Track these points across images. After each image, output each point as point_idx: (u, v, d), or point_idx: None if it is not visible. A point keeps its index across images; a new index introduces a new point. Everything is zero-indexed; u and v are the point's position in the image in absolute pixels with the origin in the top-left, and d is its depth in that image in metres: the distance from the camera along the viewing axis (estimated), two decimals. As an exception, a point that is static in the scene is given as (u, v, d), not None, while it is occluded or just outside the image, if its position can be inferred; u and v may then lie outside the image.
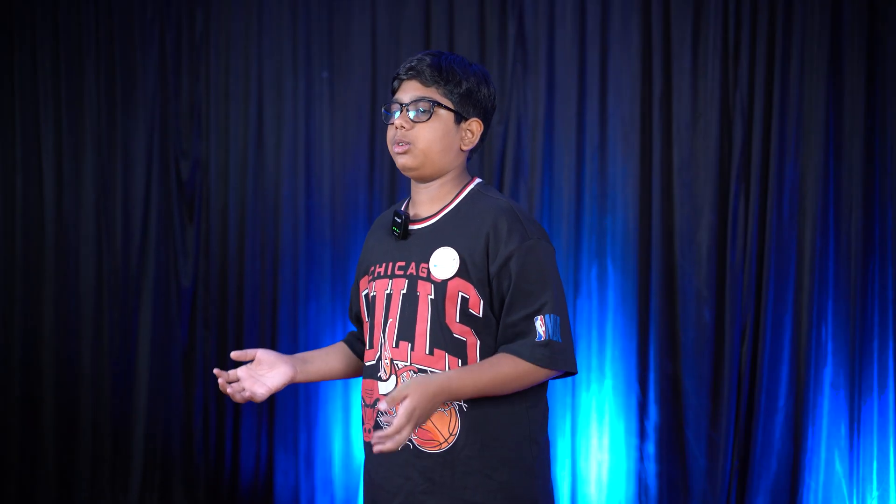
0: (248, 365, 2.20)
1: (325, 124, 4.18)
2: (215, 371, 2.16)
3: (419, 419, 1.94)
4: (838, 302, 3.50)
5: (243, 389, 2.17)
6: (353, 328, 2.42)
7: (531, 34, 3.90)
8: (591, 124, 3.83)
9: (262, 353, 2.20)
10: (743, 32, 3.64)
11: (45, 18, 4.30)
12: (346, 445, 4.09)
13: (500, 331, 2.09)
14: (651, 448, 3.74)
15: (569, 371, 2.09)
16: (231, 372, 2.18)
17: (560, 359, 2.06)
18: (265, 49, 4.23)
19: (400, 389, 1.94)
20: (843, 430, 3.48)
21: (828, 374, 3.50)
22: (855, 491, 3.46)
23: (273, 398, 4.18)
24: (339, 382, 4.09)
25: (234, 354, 2.20)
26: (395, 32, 4.09)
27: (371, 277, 2.20)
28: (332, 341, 4.10)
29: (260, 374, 2.20)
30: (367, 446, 2.20)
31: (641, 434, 3.75)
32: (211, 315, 4.29)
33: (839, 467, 3.47)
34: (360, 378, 4.07)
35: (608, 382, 3.78)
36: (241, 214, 4.26)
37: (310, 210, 4.18)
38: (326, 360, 2.32)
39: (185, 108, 4.32)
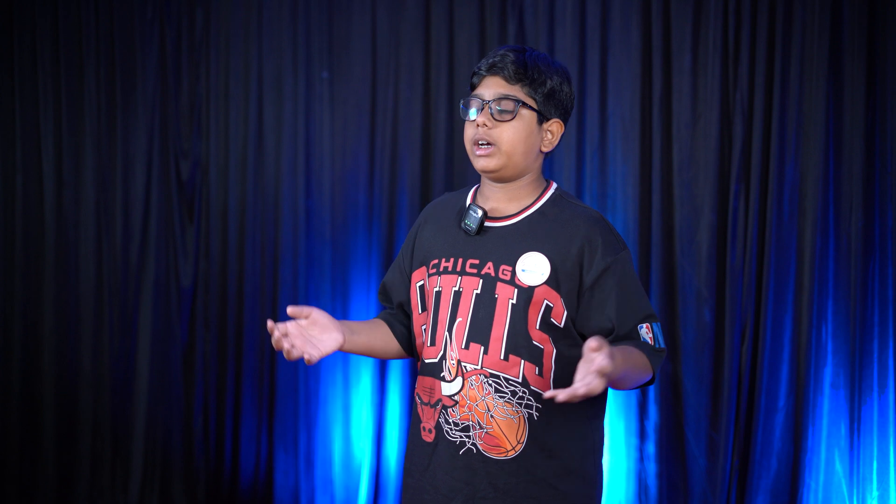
0: (300, 322, 2.02)
1: (325, 124, 4.18)
2: (269, 322, 1.96)
3: (605, 380, 1.82)
4: (838, 302, 3.50)
5: (293, 347, 1.98)
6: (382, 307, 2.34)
7: (531, 34, 3.90)
8: (591, 124, 3.83)
9: (317, 314, 2.03)
10: (743, 32, 3.63)
11: (45, 18, 4.30)
12: (346, 445, 4.09)
13: (575, 340, 2.05)
14: (651, 448, 3.74)
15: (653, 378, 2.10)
16: (281, 325, 1.98)
17: (659, 365, 2.06)
18: (265, 49, 4.23)
19: (591, 343, 1.82)
20: (843, 430, 3.48)
21: (828, 374, 3.50)
22: (855, 491, 3.46)
23: (273, 398, 4.18)
24: (340, 382, 4.09)
25: (291, 310, 2.01)
26: (395, 32, 4.09)
27: (435, 271, 2.12)
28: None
29: (311, 335, 2.02)
30: (425, 446, 2.13)
31: (641, 434, 3.75)
32: (211, 315, 4.29)
33: (839, 467, 3.47)
34: (358, 373, 4.07)
35: (608, 382, 3.78)
36: (241, 214, 4.26)
37: (310, 210, 4.18)
38: (371, 335, 2.18)
39: (185, 108, 4.32)
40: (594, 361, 1.79)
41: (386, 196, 4.08)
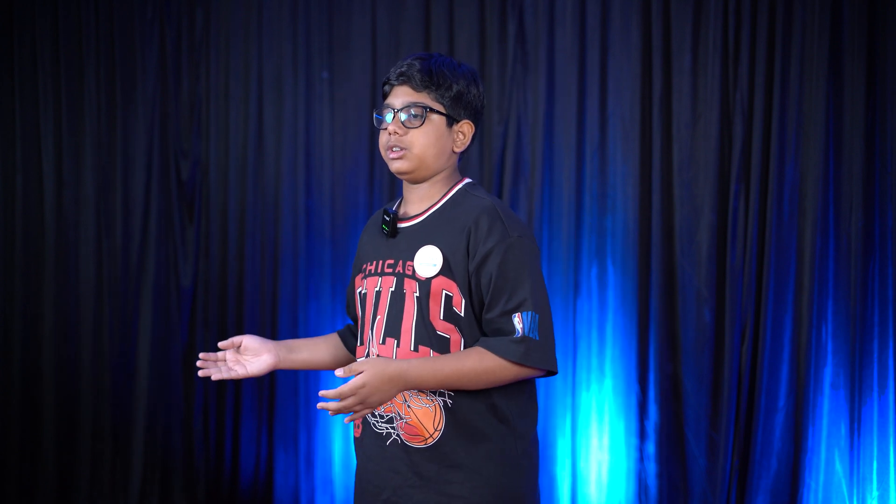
0: (235, 350, 2.27)
1: (325, 124, 4.18)
2: (201, 355, 2.23)
3: (368, 398, 1.97)
4: (838, 302, 3.50)
5: (223, 370, 2.26)
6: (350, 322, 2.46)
7: (531, 34, 3.90)
8: (591, 124, 3.83)
9: (247, 341, 2.27)
10: (743, 32, 3.63)
11: (45, 18, 4.30)
12: (346, 445, 4.09)
13: (481, 327, 2.11)
14: (651, 448, 3.74)
15: (549, 370, 2.09)
16: (219, 354, 2.28)
17: (535, 356, 2.06)
18: (265, 49, 4.23)
19: (360, 363, 1.98)
20: (843, 430, 3.48)
21: (828, 374, 3.50)
22: (855, 491, 3.46)
23: (273, 398, 4.18)
24: (340, 383, 4.08)
25: (221, 345, 2.25)
26: (395, 32, 4.09)
27: (363, 275, 2.24)
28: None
29: (245, 360, 2.26)
30: (358, 442, 2.23)
31: (641, 434, 3.75)
32: (211, 315, 4.29)
33: (839, 467, 3.47)
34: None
35: (608, 382, 3.78)
36: (241, 214, 4.26)
37: (310, 210, 4.18)
38: (315, 350, 2.37)
39: (185, 108, 4.32)
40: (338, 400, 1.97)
41: (386, 196, 4.08)
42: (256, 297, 4.23)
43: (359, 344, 2.23)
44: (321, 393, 1.98)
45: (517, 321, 2.05)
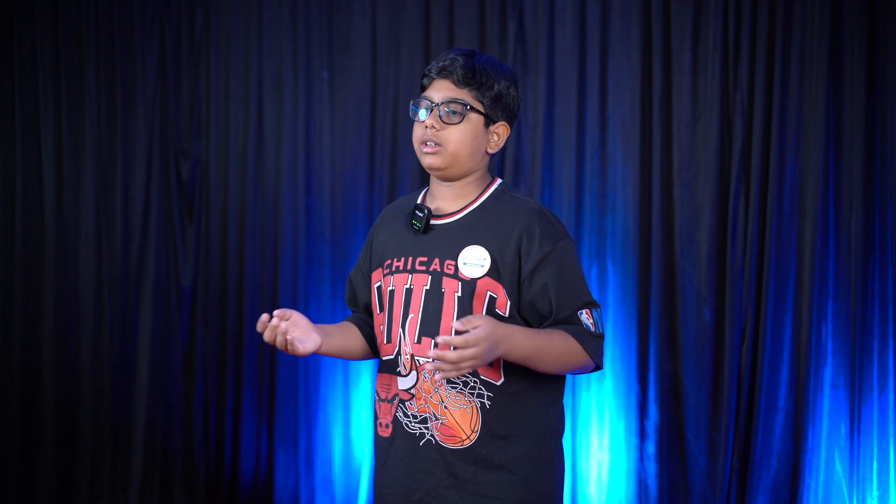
0: (284, 322, 2.07)
1: (325, 124, 4.18)
2: (264, 316, 2.03)
3: (479, 355, 1.90)
4: (838, 302, 3.50)
5: (285, 332, 2.04)
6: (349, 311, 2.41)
7: (531, 34, 3.90)
8: (591, 124, 3.83)
9: (297, 316, 2.09)
10: (743, 32, 3.63)
11: (45, 18, 4.30)
12: (346, 445, 4.09)
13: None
14: (651, 448, 3.74)
15: (599, 365, 2.14)
16: (267, 317, 2.05)
17: (601, 352, 2.12)
18: (265, 49, 4.23)
19: (476, 317, 1.93)
20: (843, 430, 3.48)
21: (828, 374, 3.50)
22: (855, 491, 3.46)
23: (273, 398, 4.18)
24: (340, 382, 4.09)
25: (277, 313, 2.04)
26: (395, 32, 4.09)
27: (388, 271, 2.18)
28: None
29: (293, 335, 2.09)
30: (382, 441, 2.20)
31: (641, 434, 3.75)
32: (211, 315, 4.29)
33: (839, 467, 3.47)
34: (358, 373, 4.07)
35: (608, 382, 3.78)
36: (241, 214, 4.26)
37: (310, 210, 4.18)
38: (344, 337, 2.25)
39: (185, 108, 4.32)
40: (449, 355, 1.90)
41: (386, 196, 4.08)
42: (256, 297, 4.23)
43: (385, 342, 2.17)
44: (440, 339, 1.89)
45: (586, 318, 2.09)
